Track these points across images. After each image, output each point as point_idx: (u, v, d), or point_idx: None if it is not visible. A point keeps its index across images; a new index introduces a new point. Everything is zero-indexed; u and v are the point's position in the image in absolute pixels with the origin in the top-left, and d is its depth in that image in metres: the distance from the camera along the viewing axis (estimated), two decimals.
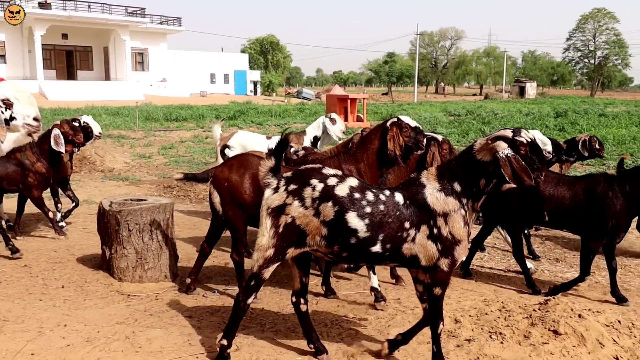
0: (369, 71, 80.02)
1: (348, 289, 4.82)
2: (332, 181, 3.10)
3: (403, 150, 4.28)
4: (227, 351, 3.33)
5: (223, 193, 4.33)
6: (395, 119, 4.36)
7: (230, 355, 3.34)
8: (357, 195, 3.07)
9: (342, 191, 3.06)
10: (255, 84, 52.63)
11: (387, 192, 3.14)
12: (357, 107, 24.55)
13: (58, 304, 4.29)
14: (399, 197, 3.10)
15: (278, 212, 3.11)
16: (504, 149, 2.98)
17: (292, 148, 5.41)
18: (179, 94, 40.63)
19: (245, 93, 49.55)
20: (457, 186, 3.07)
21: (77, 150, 7.03)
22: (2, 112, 5.49)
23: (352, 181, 3.15)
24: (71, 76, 40.56)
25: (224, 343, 3.31)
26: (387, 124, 4.33)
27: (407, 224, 3.06)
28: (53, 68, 39.81)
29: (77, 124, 6.62)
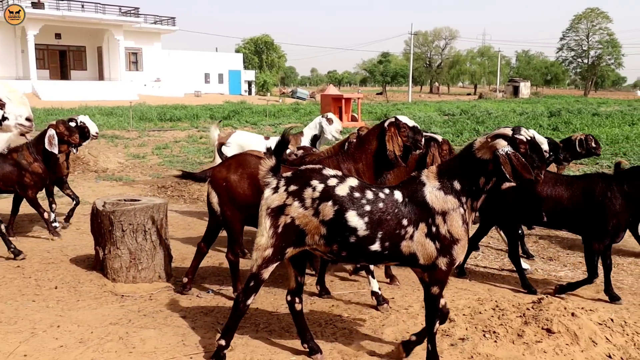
0: (364, 71, 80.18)
1: (342, 289, 4.82)
2: (333, 182, 3.10)
3: (402, 150, 4.24)
4: (224, 351, 3.33)
5: (221, 193, 4.30)
6: (393, 119, 4.31)
7: (225, 355, 3.34)
8: (357, 194, 3.07)
9: (342, 191, 3.06)
10: (249, 84, 52.60)
11: (387, 191, 3.14)
12: (352, 107, 24.59)
13: (51, 305, 4.27)
14: (398, 195, 3.10)
15: (277, 213, 3.10)
16: (504, 147, 2.97)
17: (287, 149, 5.38)
18: (173, 94, 40.53)
19: (239, 93, 49.50)
20: (457, 185, 3.07)
21: (76, 150, 7.04)
22: None
23: (352, 181, 3.15)
24: (64, 76, 40.41)
25: (222, 343, 3.30)
26: (385, 124, 4.28)
27: (405, 222, 3.05)
28: (46, 68, 39.63)
29: (74, 124, 6.60)
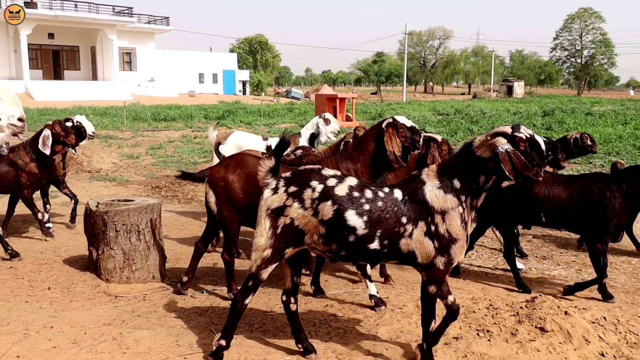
0: (358, 71, 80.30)
1: (337, 289, 4.82)
2: (332, 182, 3.10)
3: (401, 151, 4.23)
4: (224, 352, 3.32)
5: (219, 193, 4.30)
6: (390, 120, 4.28)
7: (224, 355, 3.33)
8: (356, 193, 3.07)
9: (342, 191, 3.07)
10: (244, 84, 52.54)
11: (386, 189, 3.14)
12: (346, 107, 24.60)
13: (44, 306, 4.25)
14: (398, 194, 3.11)
15: (277, 214, 3.10)
16: (504, 145, 2.98)
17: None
18: (167, 94, 40.44)
19: (234, 93, 49.43)
20: (457, 183, 3.07)
21: (75, 150, 7.07)
22: None
23: (351, 180, 3.15)
24: (58, 76, 40.23)
25: (222, 343, 3.30)
26: (383, 125, 4.26)
27: (405, 219, 3.05)
28: (39, 68, 39.44)
29: (70, 124, 6.58)
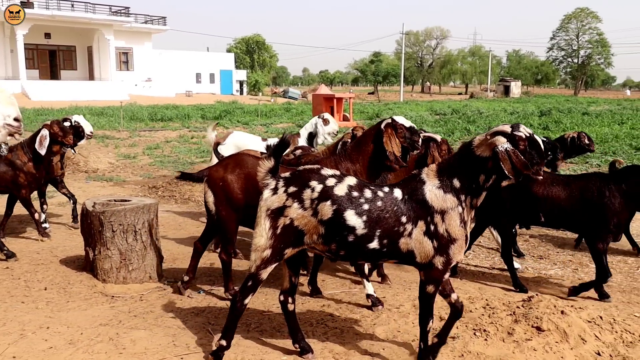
0: (355, 70, 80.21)
1: (334, 288, 4.82)
2: (331, 182, 3.10)
3: (400, 151, 4.22)
4: (224, 352, 3.32)
5: (217, 192, 4.29)
6: (389, 120, 4.28)
7: (224, 355, 3.33)
8: (355, 193, 3.07)
9: (341, 190, 3.07)
10: (241, 84, 52.49)
11: (386, 189, 3.15)
12: (344, 107, 24.60)
13: (40, 306, 4.24)
14: (398, 193, 3.11)
15: (277, 214, 3.10)
16: (503, 144, 2.98)
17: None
18: (164, 94, 40.35)
19: (231, 93, 49.38)
20: (457, 183, 3.07)
21: (74, 150, 7.07)
22: None
23: (351, 180, 3.16)
24: (54, 76, 40.10)
25: (223, 344, 3.30)
26: (382, 126, 4.25)
27: (404, 219, 3.06)
28: (36, 68, 39.32)
29: (68, 124, 6.57)
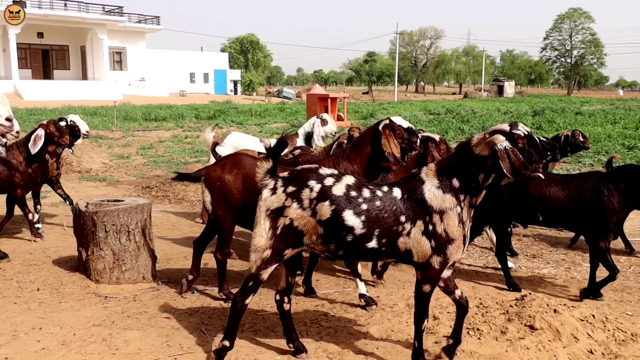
0: (350, 70, 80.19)
1: (328, 288, 4.82)
2: (329, 181, 3.11)
3: (399, 152, 4.20)
4: (227, 352, 3.32)
5: (214, 192, 4.29)
6: (387, 121, 4.26)
7: (226, 355, 3.33)
8: (354, 193, 3.08)
9: (339, 190, 3.07)
10: (235, 84, 52.38)
11: (385, 188, 3.15)
12: (338, 106, 24.59)
13: (33, 307, 4.22)
14: (397, 192, 3.11)
15: (277, 214, 3.10)
16: (502, 142, 2.99)
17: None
18: (158, 94, 40.22)
19: (225, 92, 49.28)
20: (456, 182, 3.07)
21: (71, 150, 7.05)
22: None
23: (349, 179, 3.16)
24: (47, 76, 39.91)
25: (226, 344, 3.30)
26: (380, 127, 4.23)
27: (403, 218, 3.06)
28: (29, 67, 39.12)
29: (64, 124, 6.54)
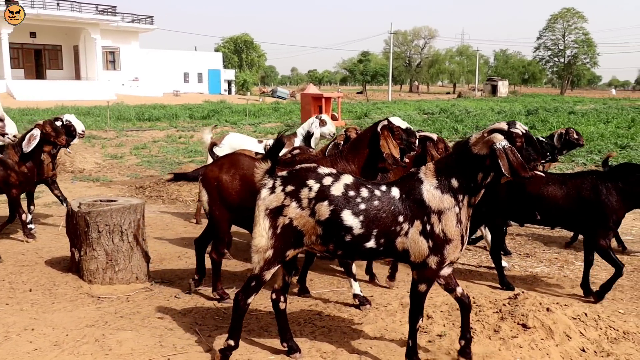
0: (344, 70, 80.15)
1: (321, 287, 4.82)
2: (328, 180, 3.11)
3: (398, 153, 4.18)
4: (232, 351, 3.32)
5: (211, 192, 4.29)
6: (385, 122, 4.23)
7: (232, 354, 3.33)
8: (352, 192, 3.08)
9: (337, 190, 3.07)
10: (229, 83, 52.30)
11: (384, 188, 3.15)
12: (332, 106, 24.58)
13: (25, 308, 4.20)
14: (395, 192, 3.12)
15: (276, 213, 3.10)
16: (501, 141, 2.99)
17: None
18: (152, 94, 40.11)
19: (219, 92, 49.18)
20: (455, 182, 3.08)
21: (68, 150, 7.02)
22: None
23: (347, 179, 3.16)
24: (40, 75, 39.71)
25: (231, 343, 3.31)
26: (378, 128, 4.20)
27: (401, 218, 3.07)
28: (21, 67, 38.91)
29: (60, 123, 6.51)
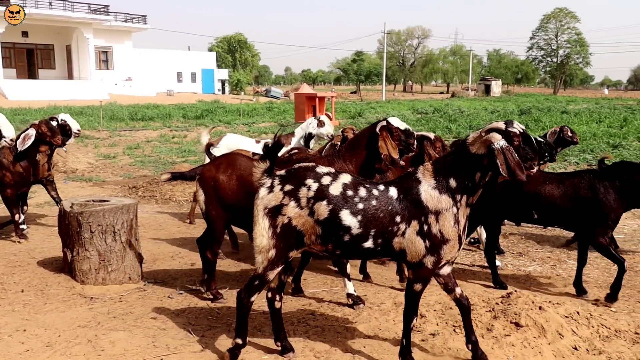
0: (338, 70, 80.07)
1: (315, 287, 4.82)
2: (326, 180, 3.12)
3: (397, 154, 4.19)
4: (240, 349, 3.32)
5: (208, 192, 4.28)
6: (384, 123, 4.22)
7: (240, 352, 3.33)
8: (350, 192, 3.08)
9: (336, 189, 3.08)
10: (223, 83, 52.14)
11: (381, 187, 3.15)
12: (326, 106, 24.58)
13: (17, 309, 4.18)
14: (393, 192, 3.12)
15: (275, 213, 3.10)
16: (499, 141, 3.00)
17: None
18: (145, 93, 39.93)
19: (213, 92, 49.04)
20: (453, 182, 3.08)
21: (65, 150, 7.00)
22: None
23: (346, 178, 3.16)
24: (32, 75, 39.43)
25: (239, 342, 3.31)
26: (377, 129, 4.19)
27: (399, 218, 3.07)
28: (13, 67, 38.62)
29: (55, 123, 6.48)
